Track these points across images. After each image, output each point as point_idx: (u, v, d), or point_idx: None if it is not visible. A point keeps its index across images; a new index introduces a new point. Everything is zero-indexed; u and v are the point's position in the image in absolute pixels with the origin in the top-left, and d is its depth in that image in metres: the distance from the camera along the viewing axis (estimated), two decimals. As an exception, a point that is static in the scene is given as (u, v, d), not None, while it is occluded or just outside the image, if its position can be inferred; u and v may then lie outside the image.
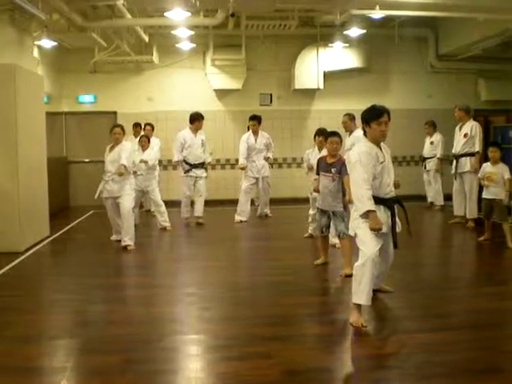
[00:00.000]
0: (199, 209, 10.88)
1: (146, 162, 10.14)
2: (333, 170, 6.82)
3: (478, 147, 9.99)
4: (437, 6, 9.62)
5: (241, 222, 11.10)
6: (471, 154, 10.03)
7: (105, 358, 4.34)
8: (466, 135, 10.12)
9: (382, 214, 5.02)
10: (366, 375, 4.13)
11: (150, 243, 9.47)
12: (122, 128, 8.84)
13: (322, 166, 6.97)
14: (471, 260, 8.21)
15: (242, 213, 11.19)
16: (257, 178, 11.40)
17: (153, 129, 11.92)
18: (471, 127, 10.09)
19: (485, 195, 8.55)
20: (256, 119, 11.38)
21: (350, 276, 5.12)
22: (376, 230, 4.86)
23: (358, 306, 4.93)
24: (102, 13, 10.60)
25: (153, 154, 10.50)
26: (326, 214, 6.99)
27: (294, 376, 4.01)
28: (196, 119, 10.63)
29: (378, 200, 4.96)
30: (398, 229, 5.26)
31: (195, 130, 10.67)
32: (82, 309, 5.71)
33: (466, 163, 10.09)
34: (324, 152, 7.69)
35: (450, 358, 4.26)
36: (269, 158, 11.57)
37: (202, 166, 10.80)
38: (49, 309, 5.82)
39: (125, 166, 8.43)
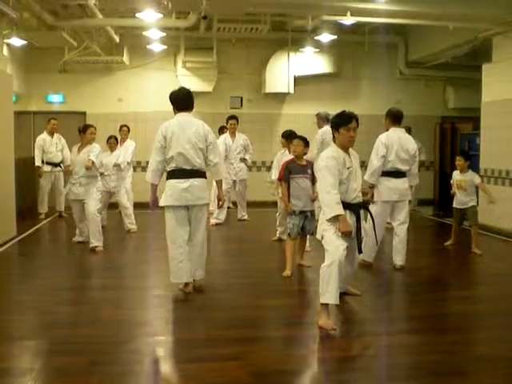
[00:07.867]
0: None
1: (118, 166, 10.08)
2: (308, 171, 6.93)
3: None
4: (407, 14, 9.73)
5: (216, 224, 10.96)
6: None
7: (72, 359, 4.32)
8: None
9: (348, 219, 5.06)
10: (333, 377, 4.18)
11: (118, 245, 9.40)
12: (95, 129, 8.80)
13: (297, 169, 6.94)
14: (437, 264, 8.31)
15: (219, 216, 11.02)
16: (234, 181, 11.32)
17: (129, 130, 11.70)
18: None
19: (456, 205, 8.54)
20: (235, 118, 11.36)
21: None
22: (347, 233, 4.91)
23: (326, 308, 4.96)
24: (73, 12, 10.51)
25: (122, 155, 10.41)
26: (304, 215, 6.95)
27: (261, 378, 4.04)
28: None
29: (344, 205, 5.01)
30: (364, 234, 5.33)
31: None
32: (50, 310, 5.65)
33: None
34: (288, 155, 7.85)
35: (415, 361, 4.33)
36: (245, 159, 11.51)
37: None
38: (16, 310, 5.75)
39: (93, 162, 8.41)
